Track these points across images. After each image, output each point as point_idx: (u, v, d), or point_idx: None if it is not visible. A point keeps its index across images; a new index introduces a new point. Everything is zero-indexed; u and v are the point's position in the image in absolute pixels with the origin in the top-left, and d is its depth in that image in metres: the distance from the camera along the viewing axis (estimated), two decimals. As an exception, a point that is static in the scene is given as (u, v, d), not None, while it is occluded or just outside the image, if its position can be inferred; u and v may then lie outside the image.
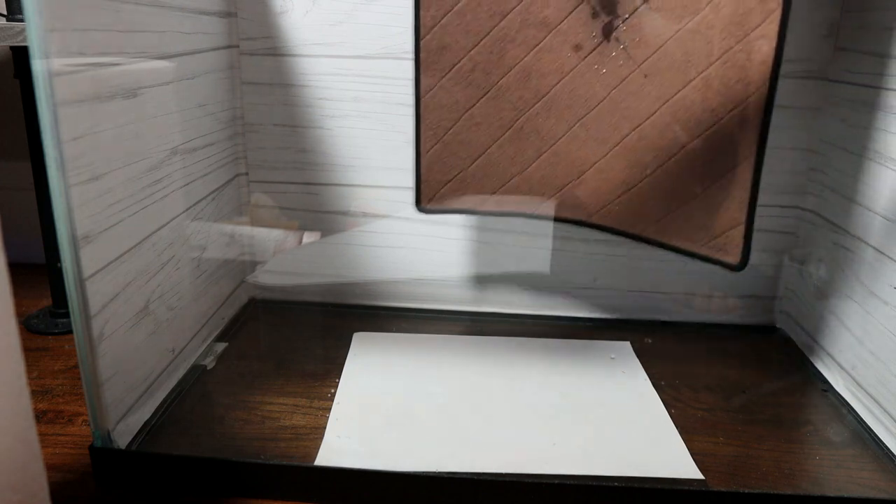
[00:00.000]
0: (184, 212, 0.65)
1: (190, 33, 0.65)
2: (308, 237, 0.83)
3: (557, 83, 0.63)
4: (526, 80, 0.63)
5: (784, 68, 0.73)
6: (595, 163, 0.63)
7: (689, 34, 0.55)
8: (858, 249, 0.66)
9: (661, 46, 0.57)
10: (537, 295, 0.84)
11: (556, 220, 0.69)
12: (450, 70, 0.64)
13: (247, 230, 0.83)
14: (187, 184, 0.65)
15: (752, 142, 0.54)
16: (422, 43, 0.64)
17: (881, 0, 0.65)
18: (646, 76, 0.58)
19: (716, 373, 0.72)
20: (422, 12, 0.63)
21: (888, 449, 0.59)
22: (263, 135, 0.79)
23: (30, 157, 0.74)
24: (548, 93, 0.63)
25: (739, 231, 0.60)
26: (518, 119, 0.65)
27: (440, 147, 0.67)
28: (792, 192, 0.77)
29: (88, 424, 0.57)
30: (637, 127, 0.61)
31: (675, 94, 0.57)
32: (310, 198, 0.81)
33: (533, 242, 0.81)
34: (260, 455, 0.56)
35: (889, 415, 0.60)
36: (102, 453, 0.52)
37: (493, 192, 0.68)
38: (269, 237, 0.83)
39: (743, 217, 0.59)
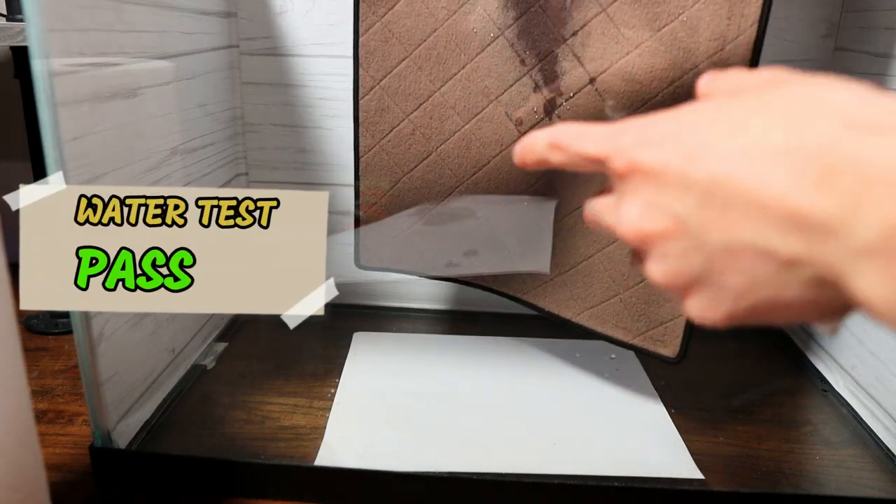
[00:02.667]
0: (184, 212, 0.65)
1: (190, 33, 0.65)
2: (308, 237, 0.83)
3: (497, 155, 0.60)
4: (466, 149, 0.61)
5: (784, 68, 0.73)
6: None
7: None
8: (858, 249, 0.66)
9: None
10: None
11: (493, 292, 0.67)
12: (389, 132, 0.62)
13: (247, 230, 0.82)
14: (187, 184, 0.65)
15: None
16: (360, 103, 0.62)
17: (881, 0, 0.65)
18: None
19: (716, 373, 0.72)
20: (361, 72, 0.61)
21: (888, 449, 0.59)
22: (263, 135, 0.79)
23: (30, 157, 0.74)
24: (488, 163, 0.61)
25: (680, 322, 0.57)
26: (458, 187, 0.62)
27: (379, 208, 0.65)
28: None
29: (88, 424, 0.57)
30: (575, 210, 0.59)
31: None
32: (310, 198, 0.81)
33: (533, 242, 0.81)
34: (260, 455, 0.56)
35: (889, 415, 0.60)
36: (102, 453, 0.52)
37: (433, 258, 0.66)
38: (269, 237, 0.83)
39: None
